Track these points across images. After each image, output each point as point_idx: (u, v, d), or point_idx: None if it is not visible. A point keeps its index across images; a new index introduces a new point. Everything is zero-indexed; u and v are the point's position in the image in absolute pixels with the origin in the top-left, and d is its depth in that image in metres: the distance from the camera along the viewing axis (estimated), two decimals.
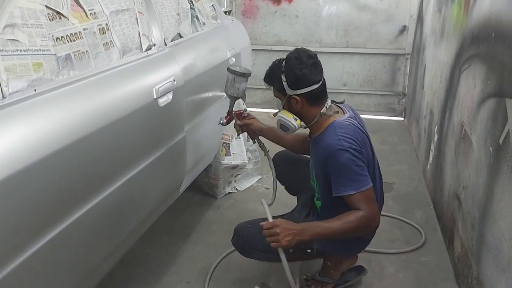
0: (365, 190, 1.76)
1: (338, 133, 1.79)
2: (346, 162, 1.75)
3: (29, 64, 1.32)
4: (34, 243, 1.28)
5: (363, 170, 1.78)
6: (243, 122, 2.18)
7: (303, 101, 1.84)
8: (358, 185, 1.76)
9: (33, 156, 1.23)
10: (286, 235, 1.72)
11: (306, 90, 1.82)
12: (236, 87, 2.09)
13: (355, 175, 1.76)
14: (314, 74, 1.82)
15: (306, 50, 1.87)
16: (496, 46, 1.94)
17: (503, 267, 1.66)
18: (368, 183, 1.78)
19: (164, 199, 2.20)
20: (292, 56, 1.84)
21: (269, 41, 5.04)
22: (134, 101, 1.74)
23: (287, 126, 1.87)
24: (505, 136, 1.74)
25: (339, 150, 1.76)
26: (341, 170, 1.77)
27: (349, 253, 2.10)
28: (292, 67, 1.81)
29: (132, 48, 1.86)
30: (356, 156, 1.77)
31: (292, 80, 1.82)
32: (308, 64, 1.81)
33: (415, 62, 4.45)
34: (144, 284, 2.25)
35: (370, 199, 1.77)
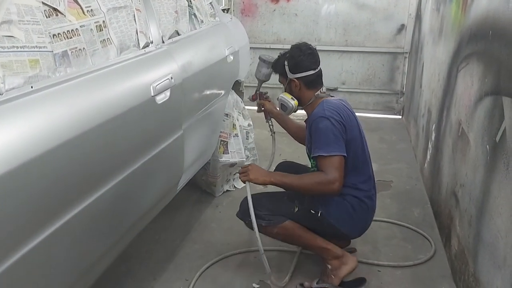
0: (334, 156, 1.95)
1: (324, 106, 2.06)
2: (324, 128, 1.98)
3: (26, 61, 1.32)
4: (31, 240, 1.28)
5: (338, 139, 1.98)
6: (260, 101, 2.55)
7: (301, 84, 2.15)
8: (329, 149, 1.95)
9: (30, 153, 1.23)
10: (255, 172, 2.02)
11: (303, 74, 2.13)
12: (259, 70, 2.49)
13: (329, 141, 1.97)
14: (310, 62, 2.14)
15: (307, 44, 2.20)
16: (493, 44, 1.95)
17: (499, 264, 1.66)
18: (339, 151, 1.96)
19: (162, 197, 2.20)
20: (294, 47, 2.19)
21: (268, 39, 5.04)
22: (131, 99, 1.74)
23: (286, 105, 2.19)
24: (501, 134, 1.74)
25: (320, 117, 2.01)
26: (318, 134, 2.00)
27: (350, 227, 2.12)
28: (293, 54, 2.16)
29: (130, 46, 1.86)
30: (334, 125, 1.98)
31: (292, 64, 2.14)
32: (306, 53, 2.14)
33: (413, 61, 4.45)
34: (142, 281, 2.25)
35: (336, 166, 1.94)
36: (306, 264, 2.37)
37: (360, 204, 2.09)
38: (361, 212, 2.10)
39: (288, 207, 2.07)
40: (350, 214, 2.08)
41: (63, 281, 1.50)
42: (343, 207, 2.07)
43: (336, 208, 2.07)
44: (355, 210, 2.08)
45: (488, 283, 1.76)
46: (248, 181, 2.03)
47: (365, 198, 2.11)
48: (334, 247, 2.12)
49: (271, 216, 2.04)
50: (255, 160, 3.36)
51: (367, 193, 2.13)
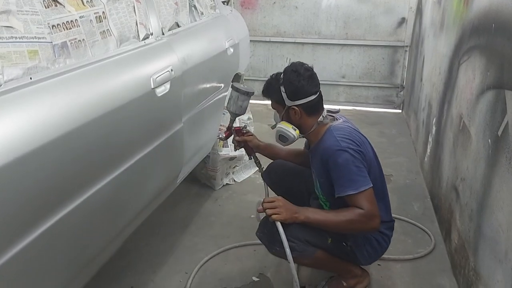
0: (365, 190, 1.77)
1: (336, 135, 1.85)
2: (344, 163, 1.78)
3: (25, 52, 1.30)
4: (30, 233, 1.27)
5: (361, 170, 1.80)
6: (242, 139, 2.24)
7: (301, 111, 1.91)
8: (357, 185, 1.77)
9: (28, 145, 1.22)
10: (285, 210, 1.78)
11: (304, 101, 1.90)
12: (239, 104, 2.14)
13: (354, 175, 1.78)
14: (311, 86, 1.90)
15: (302, 64, 1.95)
16: (496, 37, 1.93)
17: (500, 258, 1.66)
18: (368, 184, 1.79)
19: (161, 190, 2.19)
20: (289, 70, 1.93)
21: (268, 32, 5.01)
22: (131, 91, 1.72)
23: (287, 137, 1.93)
24: (504, 128, 1.73)
25: (337, 150, 1.80)
26: (340, 171, 1.80)
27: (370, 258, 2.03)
28: (290, 79, 1.90)
29: (129, 37, 1.84)
30: (354, 156, 1.79)
31: (291, 91, 1.89)
32: (306, 76, 1.89)
33: (414, 55, 4.43)
34: (142, 274, 2.25)
35: (369, 199, 1.78)
36: None
37: (383, 238, 1.99)
38: (384, 245, 2.01)
39: (322, 238, 1.88)
40: (375, 248, 1.98)
41: (62, 274, 1.49)
42: (369, 242, 1.96)
43: (364, 241, 1.96)
44: (380, 244, 1.99)
45: (489, 277, 1.76)
46: (281, 221, 1.78)
47: (387, 230, 2.00)
48: (355, 268, 2.04)
49: (303, 246, 1.84)
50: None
51: (389, 224, 2.03)
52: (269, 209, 1.79)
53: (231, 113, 2.20)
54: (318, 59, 4.97)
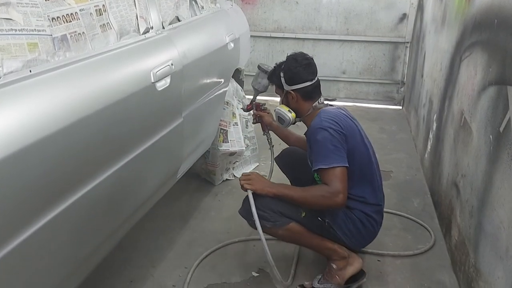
0: (335, 167, 1.88)
1: (321, 116, 1.99)
2: (322, 139, 1.91)
3: (24, 44, 1.29)
4: (29, 227, 1.26)
5: (338, 149, 1.90)
6: (259, 113, 2.44)
7: (298, 96, 2.07)
8: (329, 161, 1.88)
9: (27, 139, 1.21)
10: (259, 182, 1.97)
11: (300, 86, 2.05)
12: (258, 81, 2.34)
13: (329, 152, 1.89)
14: (307, 73, 2.06)
15: (303, 53, 2.12)
16: (498, 33, 1.92)
17: (501, 255, 1.66)
18: (341, 162, 1.89)
19: (161, 185, 2.18)
20: (290, 57, 2.11)
21: (268, 27, 4.99)
22: (131, 85, 1.71)
23: (283, 118, 2.11)
24: (505, 124, 1.72)
25: (318, 128, 1.94)
26: (317, 147, 1.93)
27: (355, 241, 2.06)
28: (289, 66, 2.08)
29: (130, 31, 1.83)
30: (333, 135, 1.91)
31: (288, 76, 2.07)
32: (303, 64, 2.06)
33: (415, 51, 4.42)
34: (141, 268, 2.25)
35: (339, 177, 1.87)
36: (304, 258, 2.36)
37: (368, 220, 2.02)
38: (369, 227, 2.04)
39: (295, 211, 1.98)
40: (358, 228, 2.02)
41: (62, 269, 1.48)
42: (351, 221, 2.01)
43: (343, 220, 2.00)
44: (364, 225, 2.02)
45: (489, 273, 1.76)
46: (252, 191, 1.94)
47: (374, 214, 2.04)
48: (340, 248, 2.06)
49: (277, 217, 1.95)
50: (254, 149, 3.34)
51: (376, 207, 2.06)
52: (243, 181, 1.98)
53: (254, 89, 2.39)
54: (318, 54, 4.95)
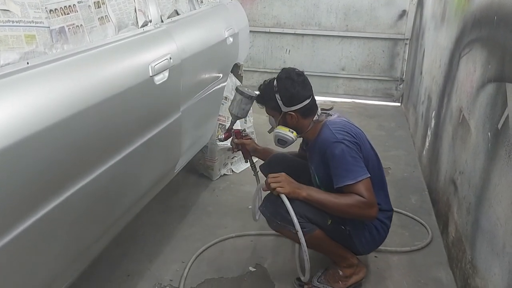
0: (362, 180, 1.82)
1: (332, 129, 1.92)
2: (341, 153, 1.84)
3: (22, 36, 1.28)
4: (26, 220, 1.26)
5: (358, 161, 1.85)
6: (240, 141, 2.27)
7: (298, 115, 1.98)
8: (354, 175, 1.82)
9: (24, 131, 1.20)
10: (289, 184, 1.87)
11: (300, 106, 1.96)
12: (241, 107, 2.16)
13: (351, 165, 1.83)
14: (305, 90, 1.97)
15: (293, 69, 2.01)
16: (498, 30, 1.92)
17: (498, 252, 1.66)
18: (365, 173, 1.84)
19: (159, 179, 2.18)
20: (283, 76, 1.97)
21: (268, 23, 4.97)
22: (129, 78, 1.70)
23: (285, 140, 2.00)
24: (504, 121, 1.72)
25: (334, 142, 1.86)
26: (337, 162, 1.85)
27: (367, 248, 2.06)
28: (285, 86, 1.95)
29: (128, 24, 1.82)
30: (350, 147, 1.85)
31: (287, 98, 1.95)
32: (300, 82, 1.96)
33: (414, 47, 4.41)
34: (138, 263, 2.25)
35: (367, 188, 1.83)
36: None
37: (382, 227, 2.02)
38: (382, 234, 2.04)
39: (323, 218, 1.91)
40: (373, 236, 2.01)
41: (58, 262, 1.48)
42: (367, 229, 1.99)
43: (362, 228, 1.98)
44: (379, 233, 2.02)
45: (486, 270, 1.76)
46: (285, 194, 1.84)
47: (386, 220, 2.04)
48: (352, 256, 2.05)
49: (304, 223, 1.86)
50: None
51: (388, 213, 2.06)
52: (273, 183, 1.86)
53: (232, 116, 2.21)
54: (317, 50, 4.95)
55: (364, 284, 2.12)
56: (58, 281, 1.51)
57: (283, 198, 1.83)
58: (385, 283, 2.15)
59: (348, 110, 4.56)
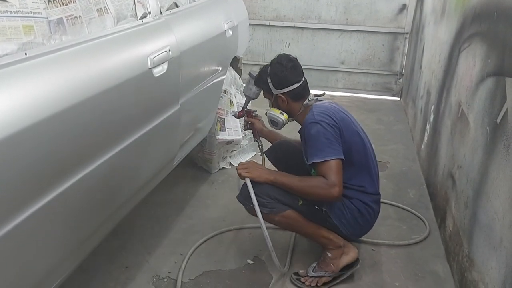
0: (330, 160, 1.90)
1: (314, 111, 2.01)
2: (315, 133, 1.94)
3: (20, 27, 1.27)
4: (23, 211, 1.25)
5: (331, 143, 1.93)
6: (250, 120, 2.42)
7: (288, 98, 2.09)
8: (323, 154, 1.91)
9: (21, 122, 1.20)
10: (256, 169, 2.01)
11: (289, 89, 2.07)
12: (249, 88, 2.29)
13: (322, 145, 1.92)
14: (294, 75, 2.08)
15: (287, 55, 2.13)
16: (498, 24, 1.91)
17: (495, 245, 1.67)
18: (335, 155, 1.91)
19: (157, 172, 2.18)
20: (275, 61, 2.11)
21: (267, 16, 4.95)
22: (127, 70, 1.70)
23: (276, 121, 2.13)
24: (503, 115, 1.72)
25: (310, 123, 1.96)
26: (311, 141, 1.95)
27: (352, 230, 2.08)
28: (275, 71, 2.09)
29: (127, 16, 1.81)
30: (326, 129, 1.93)
31: (276, 81, 2.08)
32: (289, 67, 2.07)
33: (414, 42, 4.40)
34: (137, 255, 2.25)
35: (334, 170, 1.89)
36: (299, 246, 2.37)
37: (367, 209, 2.05)
38: (367, 217, 2.06)
39: (293, 199, 2.00)
40: (356, 218, 2.04)
41: (56, 254, 1.48)
42: (349, 210, 2.03)
43: (341, 209, 2.02)
44: (362, 215, 2.04)
45: (483, 263, 1.77)
46: (250, 178, 1.98)
47: (372, 203, 2.07)
48: (336, 237, 2.07)
49: (274, 204, 1.98)
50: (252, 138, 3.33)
51: (375, 197, 2.09)
52: (240, 169, 2.01)
53: (245, 96, 2.35)
54: (317, 44, 4.93)
55: (362, 277, 2.13)
56: (56, 273, 1.51)
57: (247, 180, 1.97)
58: (382, 276, 2.16)
59: (348, 104, 4.55)
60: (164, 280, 2.09)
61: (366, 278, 2.14)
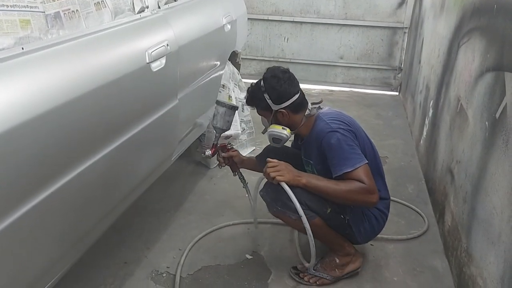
0: (361, 166, 1.83)
1: (326, 119, 1.94)
2: (337, 142, 1.85)
3: (16, 21, 1.27)
4: (22, 206, 1.25)
5: (354, 148, 1.86)
6: (228, 154, 2.25)
7: (289, 112, 1.98)
8: (352, 162, 1.83)
9: (18, 117, 1.19)
10: (289, 172, 1.87)
11: (289, 102, 1.96)
12: (226, 120, 2.14)
13: (347, 153, 1.84)
14: (292, 87, 1.97)
15: (278, 67, 2.03)
16: (497, 18, 1.91)
17: (493, 240, 1.67)
18: (362, 160, 1.85)
19: (156, 167, 2.17)
20: (268, 76, 1.98)
21: (266, 10, 4.93)
22: (125, 65, 1.69)
23: (280, 138, 2.00)
24: (502, 110, 1.72)
25: (329, 132, 1.88)
26: (334, 151, 1.86)
27: (366, 237, 2.08)
28: (272, 85, 1.96)
29: (125, 10, 1.80)
30: (345, 135, 1.87)
31: (275, 96, 1.96)
32: (286, 79, 1.96)
33: (413, 36, 4.39)
34: (135, 250, 2.25)
35: (367, 175, 1.83)
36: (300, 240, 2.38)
37: (381, 216, 2.04)
38: (381, 223, 2.06)
39: (322, 206, 1.92)
40: (373, 225, 2.03)
41: (55, 249, 1.48)
42: (367, 218, 2.01)
43: (361, 218, 2.00)
44: (378, 222, 2.04)
45: (481, 258, 1.77)
46: (285, 182, 1.84)
47: (385, 210, 2.06)
48: (349, 245, 2.07)
49: (304, 211, 1.86)
50: (251, 133, 3.32)
51: (387, 202, 2.07)
52: (272, 172, 1.86)
53: (217, 129, 2.19)
54: (316, 39, 4.92)
55: (360, 272, 2.14)
56: (55, 269, 1.51)
57: (284, 186, 1.83)
58: (381, 271, 2.16)
59: (346, 99, 4.55)
60: (163, 275, 2.09)
61: (365, 273, 2.15)
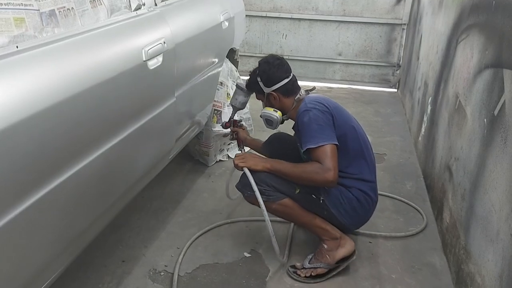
0: (324, 145, 1.92)
1: (306, 101, 2.06)
2: (307, 121, 1.97)
3: (10, 19, 1.25)
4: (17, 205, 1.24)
5: (323, 128, 1.96)
6: (235, 129, 2.47)
7: (279, 95, 2.14)
8: (316, 140, 1.93)
9: (14, 116, 1.18)
10: (252, 159, 2.06)
11: (278, 85, 2.13)
12: (236, 98, 2.37)
13: (315, 132, 1.95)
14: (281, 71, 2.14)
15: (273, 55, 2.23)
16: (496, 15, 1.90)
17: (492, 238, 1.66)
18: (328, 140, 1.93)
19: (154, 165, 2.17)
20: (262, 62, 2.19)
21: (264, 7, 4.92)
22: (122, 63, 1.67)
23: (271, 119, 2.17)
24: (500, 107, 1.71)
25: (303, 111, 2.00)
26: (304, 129, 1.98)
27: (351, 220, 2.09)
28: (263, 69, 2.16)
29: (121, 7, 1.79)
30: (317, 115, 1.97)
31: (265, 79, 2.14)
32: (275, 64, 2.14)
33: (411, 33, 4.38)
34: (133, 248, 2.25)
35: (328, 154, 1.91)
36: (297, 239, 2.37)
37: (365, 198, 2.06)
38: (365, 205, 2.07)
39: (290, 187, 2.02)
40: (354, 207, 2.05)
41: (52, 247, 1.48)
42: (347, 199, 2.04)
43: (339, 198, 2.04)
44: (361, 204, 2.06)
45: (480, 255, 1.77)
46: (247, 168, 2.02)
47: (370, 191, 2.08)
48: (332, 228, 2.07)
49: (271, 192, 2.00)
50: (250, 130, 3.32)
51: (372, 184, 2.10)
52: (237, 160, 2.07)
53: (234, 108, 2.41)
54: (314, 36, 4.91)
55: (358, 269, 2.14)
56: (52, 267, 1.51)
57: (245, 170, 2.02)
58: (379, 268, 2.16)
59: (345, 96, 4.54)
60: (160, 273, 2.09)
61: (363, 270, 2.15)
